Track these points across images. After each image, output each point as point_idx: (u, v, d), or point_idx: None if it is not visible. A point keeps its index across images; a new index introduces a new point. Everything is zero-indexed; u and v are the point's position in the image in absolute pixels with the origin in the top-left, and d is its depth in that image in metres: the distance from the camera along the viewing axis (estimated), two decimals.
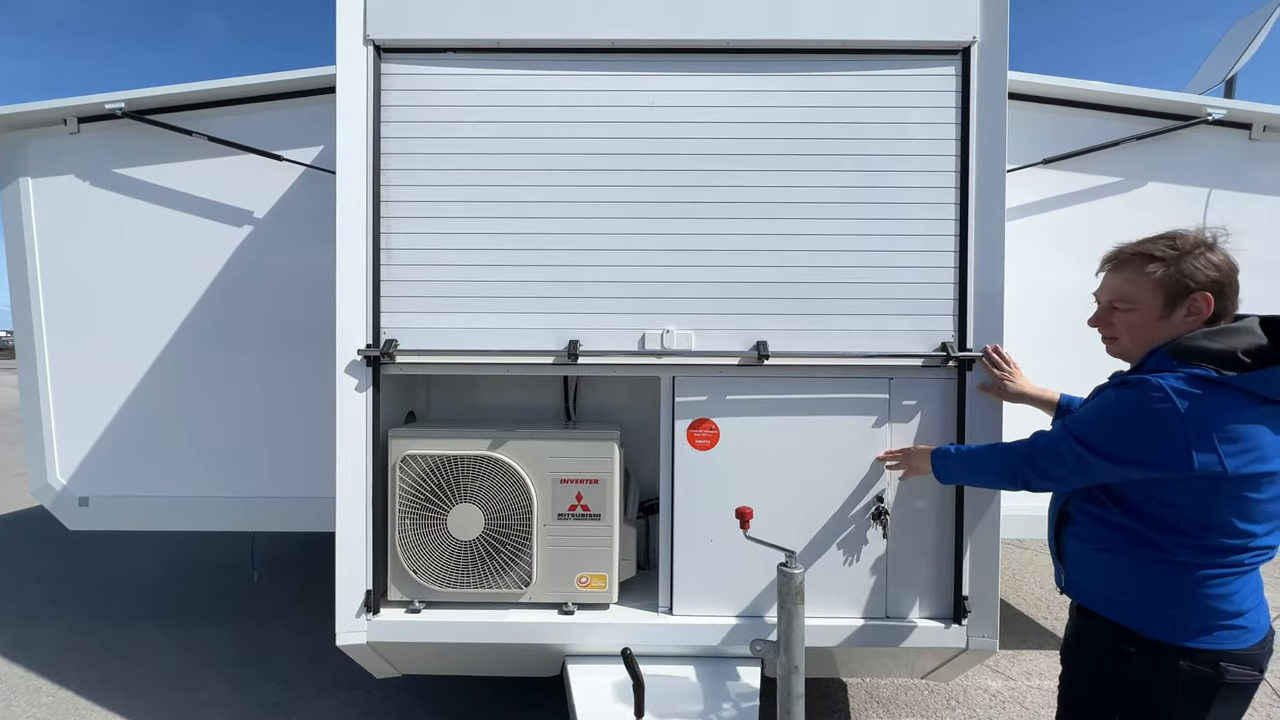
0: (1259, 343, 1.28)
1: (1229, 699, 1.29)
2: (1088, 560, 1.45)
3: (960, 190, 2.07)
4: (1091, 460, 1.34)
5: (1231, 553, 1.27)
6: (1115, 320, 1.45)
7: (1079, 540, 1.46)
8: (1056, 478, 1.44)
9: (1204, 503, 1.25)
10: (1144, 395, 1.26)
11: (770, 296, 2.10)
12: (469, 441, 2.15)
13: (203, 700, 2.88)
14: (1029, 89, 2.66)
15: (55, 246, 2.80)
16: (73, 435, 2.83)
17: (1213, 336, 1.29)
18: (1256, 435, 1.22)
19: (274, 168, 2.74)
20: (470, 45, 2.09)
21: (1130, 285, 1.40)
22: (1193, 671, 1.28)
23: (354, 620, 2.10)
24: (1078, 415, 1.43)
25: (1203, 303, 1.32)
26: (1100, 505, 1.40)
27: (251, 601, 3.85)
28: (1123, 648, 1.35)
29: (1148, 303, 1.38)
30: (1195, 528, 1.27)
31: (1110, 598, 1.40)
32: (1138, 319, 1.40)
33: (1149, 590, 1.33)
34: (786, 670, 1.74)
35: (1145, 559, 1.33)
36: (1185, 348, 1.30)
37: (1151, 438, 1.25)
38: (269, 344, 2.79)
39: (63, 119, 2.75)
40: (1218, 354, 1.27)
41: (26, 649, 3.31)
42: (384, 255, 2.10)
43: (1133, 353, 1.45)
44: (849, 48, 2.07)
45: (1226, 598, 1.28)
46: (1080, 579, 1.47)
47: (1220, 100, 2.77)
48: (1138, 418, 1.27)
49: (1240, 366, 1.24)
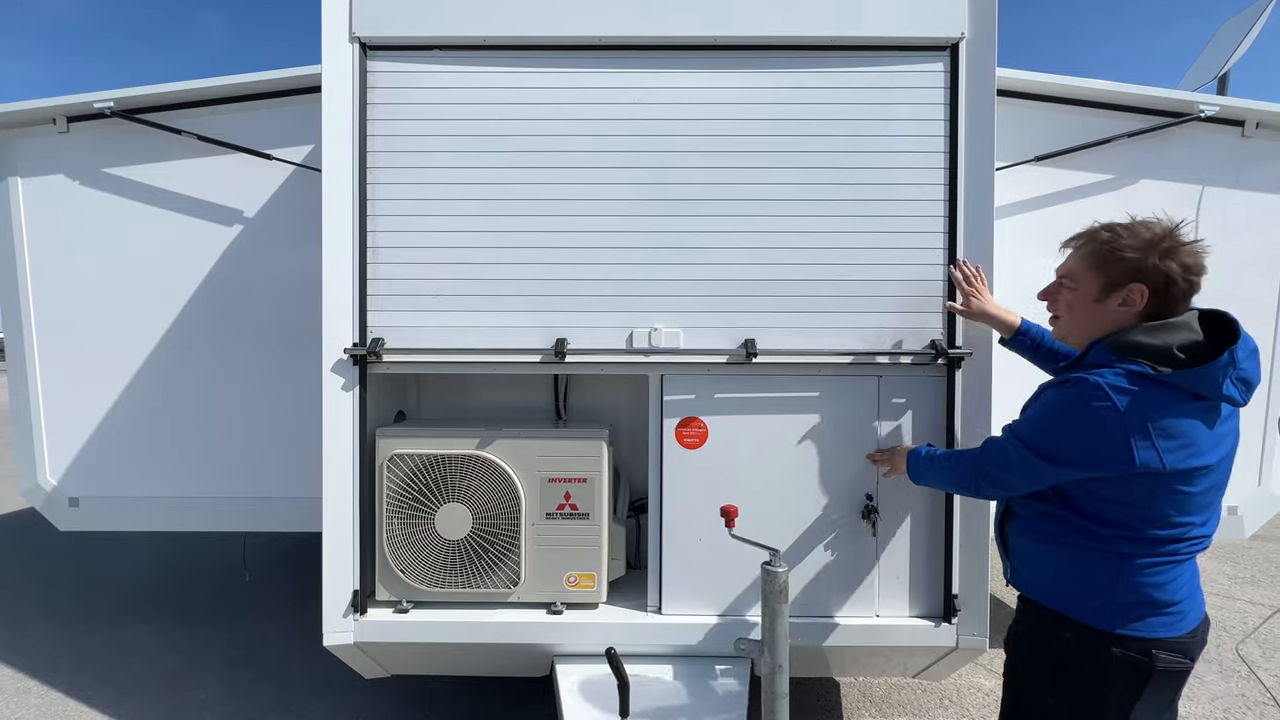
0: (1195, 339, 1.30)
1: (1159, 686, 1.31)
2: (1030, 552, 1.47)
3: (949, 187, 2.06)
4: (1038, 465, 1.36)
5: (1168, 543, 1.30)
6: (1060, 297, 1.48)
7: (1021, 534, 1.49)
8: (1007, 485, 1.46)
9: (1142, 497, 1.27)
10: (1083, 394, 1.28)
11: (758, 294, 2.09)
12: (456, 440, 2.14)
13: (196, 701, 2.88)
14: (1020, 86, 2.65)
15: (45, 246, 2.79)
16: (62, 435, 2.82)
17: (1150, 332, 1.31)
18: (1191, 430, 1.25)
19: (264, 167, 2.73)
20: (456, 42, 2.08)
21: (1078, 263, 1.43)
22: (1125, 658, 1.30)
23: (341, 620, 2.10)
24: (1023, 419, 1.46)
25: (1137, 295, 1.33)
26: (1042, 499, 1.42)
27: (245, 602, 3.84)
28: (1058, 633, 1.37)
29: (1086, 283, 1.40)
30: (1134, 520, 1.29)
31: (1049, 585, 1.42)
32: (1077, 299, 1.43)
33: (1087, 579, 1.35)
34: (771, 669, 1.74)
35: (1084, 549, 1.36)
36: (1124, 343, 1.32)
37: (1093, 438, 1.27)
38: (260, 343, 2.78)
39: (52, 118, 2.74)
40: (1154, 350, 1.29)
41: (16, 650, 3.30)
42: (370, 254, 2.10)
43: (1071, 334, 1.49)
44: (836, 44, 2.06)
45: (1162, 587, 1.30)
46: (1023, 569, 1.50)
47: (1213, 97, 2.76)
48: (1079, 418, 1.29)
49: (1175, 362, 1.27)
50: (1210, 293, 2.71)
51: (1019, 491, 1.46)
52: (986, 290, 1.97)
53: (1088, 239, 1.43)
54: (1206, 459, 1.26)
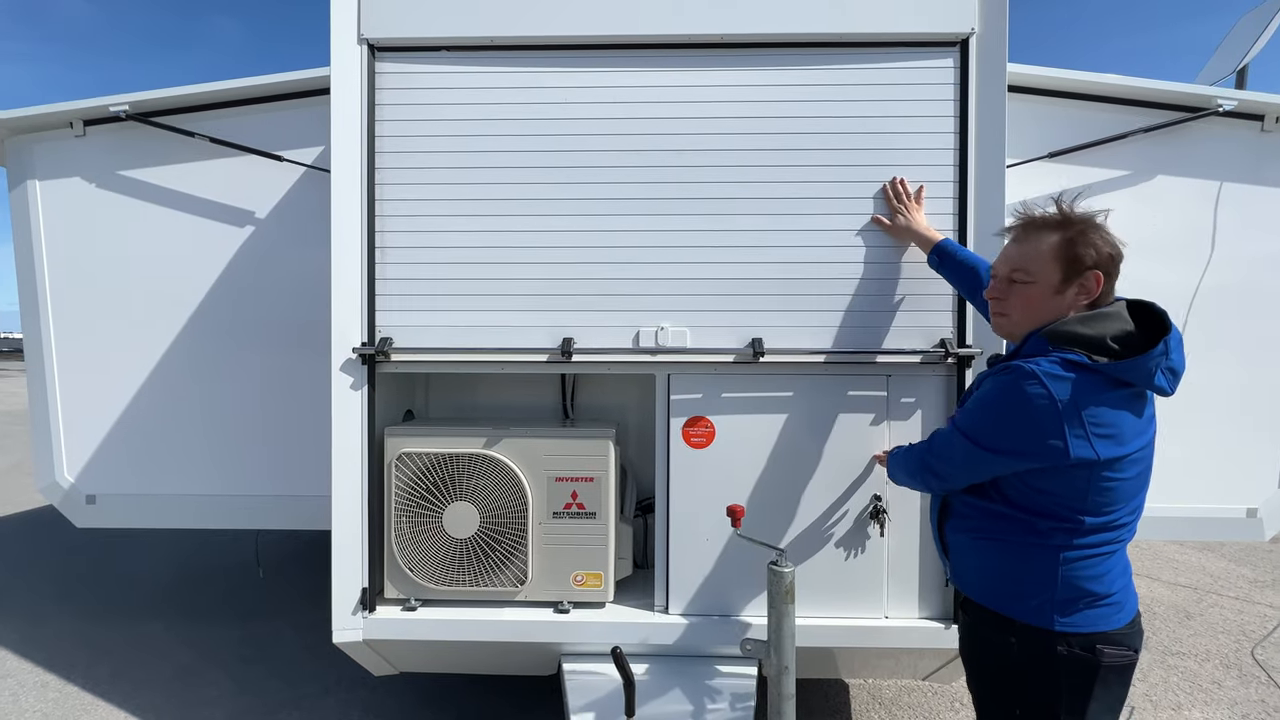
0: (1128, 329, 1.30)
1: (1108, 682, 1.30)
2: (967, 550, 1.46)
3: (959, 185, 2.04)
4: (979, 454, 1.35)
5: (1100, 532, 1.30)
6: (1012, 294, 1.41)
7: (958, 531, 1.48)
8: (951, 478, 1.46)
9: (1077, 487, 1.28)
10: (1017, 382, 1.28)
11: (766, 293, 2.08)
12: (464, 439, 2.15)
13: (208, 697, 2.91)
14: (1032, 81, 2.61)
15: (62, 247, 2.83)
16: (80, 433, 2.86)
17: (1085, 322, 1.31)
18: (1121, 420, 1.26)
19: (277, 168, 2.76)
20: (463, 43, 2.09)
21: (1034, 256, 1.37)
22: (1071, 656, 1.30)
23: (350, 618, 2.11)
24: (963, 410, 1.44)
25: (1093, 282, 1.32)
26: (981, 495, 1.41)
27: (257, 599, 3.89)
28: (1003, 638, 1.36)
29: (1047, 275, 1.35)
30: (1069, 512, 1.30)
31: (989, 587, 1.41)
32: (1035, 293, 1.37)
33: (1025, 575, 1.35)
34: (777, 670, 1.73)
35: (1021, 545, 1.35)
36: (1059, 332, 1.31)
37: (1030, 426, 1.26)
38: (274, 343, 2.81)
39: (69, 122, 2.78)
40: (1090, 340, 1.28)
41: (36, 645, 3.36)
42: (379, 254, 2.11)
43: (1020, 330, 1.42)
44: (844, 40, 2.05)
45: (1099, 579, 1.31)
46: (963, 570, 1.48)
47: (1231, 91, 2.71)
48: (1015, 406, 1.28)
49: (1109, 352, 1.27)
50: (1228, 289, 2.68)
51: (962, 484, 1.45)
52: (917, 210, 1.98)
53: (1036, 229, 1.37)
54: (1134, 445, 1.27)
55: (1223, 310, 2.66)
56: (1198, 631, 3.58)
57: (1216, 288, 2.66)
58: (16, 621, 3.63)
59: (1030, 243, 1.38)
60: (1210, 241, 2.70)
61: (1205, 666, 3.20)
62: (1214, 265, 2.68)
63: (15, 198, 2.84)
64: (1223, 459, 2.70)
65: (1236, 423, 2.69)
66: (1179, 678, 3.09)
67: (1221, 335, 2.66)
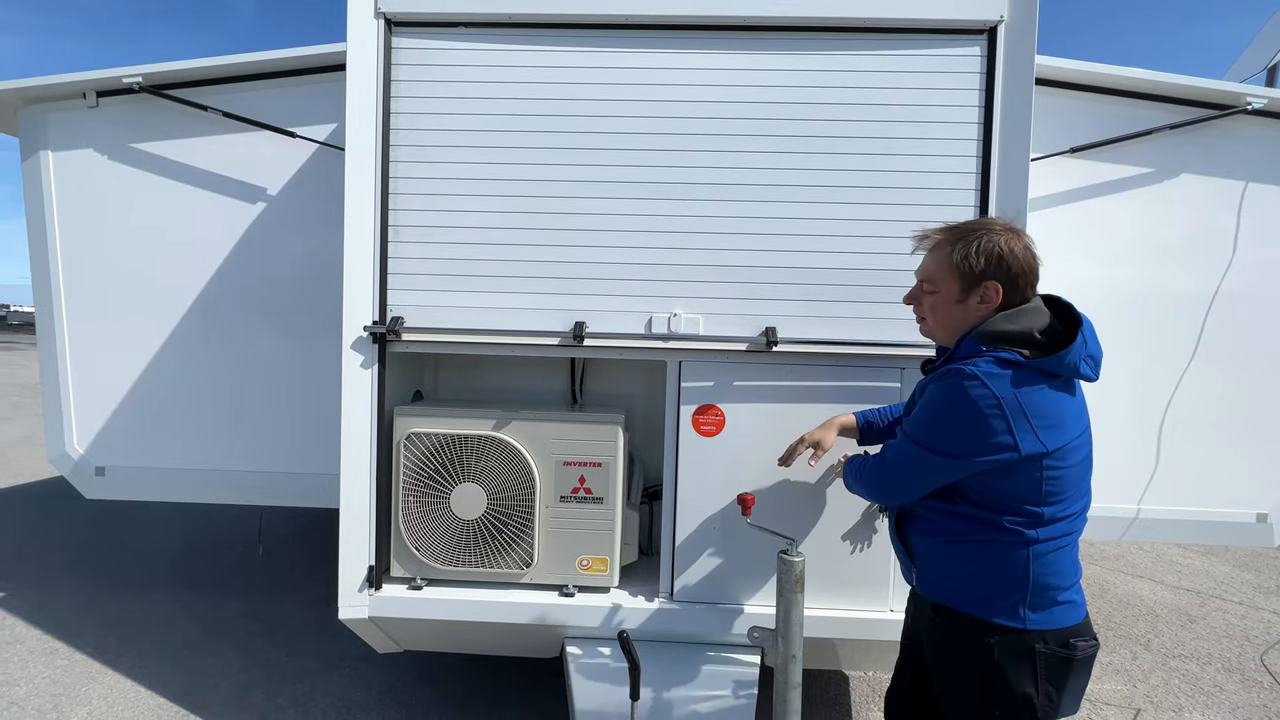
0: (1048, 323, 1.36)
1: (1079, 673, 1.36)
2: (935, 554, 1.46)
3: (981, 176, 2.01)
4: (934, 460, 1.37)
5: (1058, 523, 1.33)
6: (924, 301, 1.49)
7: (923, 535, 1.48)
8: (906, 490, 1.48)
9: (1032, 480, 1.30)
10: (959, 384, 1.31)
11: (781, 282, 2.06)
12: (473, 421, 2.15)
13: (213, 668, 2.94)
14: (1058, 74, 2.56)
15: (74, 219, 2.83)
16: (90, 406, 2.88)
17: (1011, 319, 1.36)
18: (1060, 409, 1.31)
19: (290, 145, 2.74)
20: (482, 19, 2.06)
21: (936, 268, 1.45)
22: (1050, 653, 1.33)
23: (356, 595, 2.12)
24: (911, 419, 1.46)
25: (992, 291, 1.37)
26: (945, 498, 1.41)
27: (265, 575, 3.92)
28: (983, 640, 1.36)
29: (947, 285, 1.43)
30: (1027, 506, 1.32)
31: (963, 590, 1.41)
32: (939, 301, 1.45)
33: (996, 576, 1.35)
34: (784, 659, 1.73)
35: (992, 544, 1.36)
36: (989, 332, 1.36)
37: (980, 427, 1.29)
38: (284, 319, 2.81)
39: (82, 92, 2.77)
40: (1018, 335, 1.34)
41: (45, 613, 3.40)
42: (392, 232, 2.10)
43: (938, 334, 1.50)
44: (870, 25, 2.01)
45: (1059, 573, 1.34)
46: (932, 574, 1.48)
47: (1261, 89, 2.65)
48: (960, 408, 1.31)
49: (1036, 345, 1.33)
50: (1246, 292, 2.64)
51: (915, 495, 1.46)
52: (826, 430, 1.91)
53: (939, 241, 1.45)
54: (1074, 432, 1.32)
55: (1238, 313, 2.62)
56: (1200, 635, 3.56)
57: (1235, 290, 2.62)
58: (26, 590, 3.67)
59: (932, 254, 1.47)
60: (1232, 243, 2.66)
61: (1207, 670, 3.19)
62: (1233, 268, 2.64)
63: (28, 169, 2.83)
64: (1233, 463, 2.67)
65: (1248, 427, 2.66)
66: (1181, 680, 3.09)
67: (1236, 339, 2.63)
